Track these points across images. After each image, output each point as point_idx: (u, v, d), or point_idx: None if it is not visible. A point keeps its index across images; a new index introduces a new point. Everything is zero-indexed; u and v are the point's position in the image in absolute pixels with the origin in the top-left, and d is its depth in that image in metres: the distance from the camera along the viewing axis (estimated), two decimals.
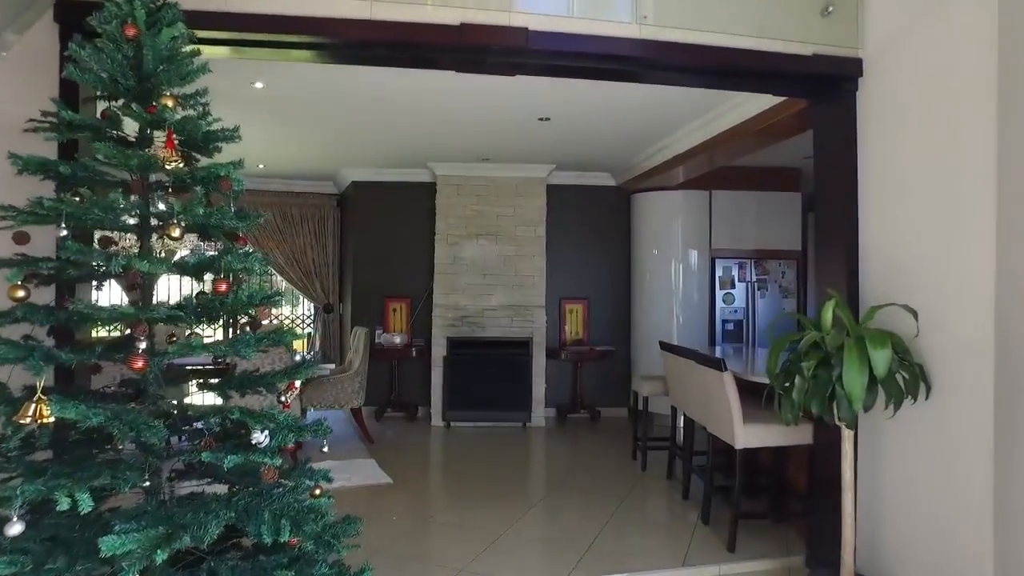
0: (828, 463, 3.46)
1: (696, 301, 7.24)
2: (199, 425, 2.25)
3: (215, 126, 2.34)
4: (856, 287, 3.39)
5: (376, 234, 7.74)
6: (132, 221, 2.16)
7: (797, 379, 2.79)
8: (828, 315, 2.89)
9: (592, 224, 7.85)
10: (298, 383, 2.46)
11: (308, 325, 9.04)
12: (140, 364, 1.92)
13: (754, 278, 7.26)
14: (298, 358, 2.50)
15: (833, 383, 2.71)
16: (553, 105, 5.03)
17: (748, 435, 3.77)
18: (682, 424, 5.21)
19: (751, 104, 4.52)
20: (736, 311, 7.23)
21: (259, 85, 4.56)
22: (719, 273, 7.23)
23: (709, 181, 7.09)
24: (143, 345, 1.97)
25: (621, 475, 5.40)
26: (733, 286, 7.24)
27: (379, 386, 7.52)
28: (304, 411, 5.94)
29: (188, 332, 2.09)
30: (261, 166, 7.48)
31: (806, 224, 7.40)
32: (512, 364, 7.25)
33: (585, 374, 7.65)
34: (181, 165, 2.17)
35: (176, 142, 2.18)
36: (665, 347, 5.11)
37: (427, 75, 4.35)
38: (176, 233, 2.08)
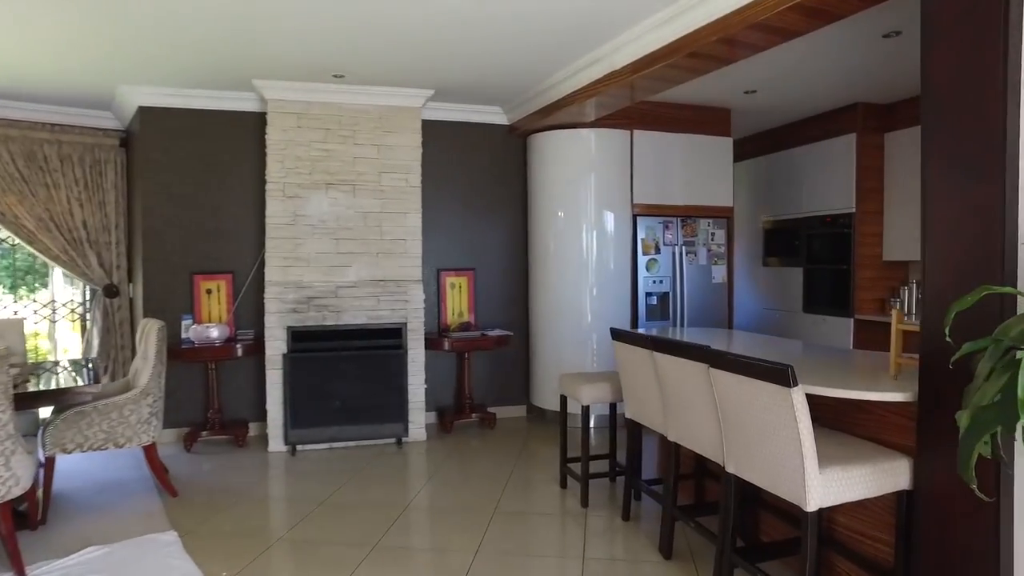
0: (952, 525, 2.10)
1: (613, 270, 5.76)
2: None
3: None
4: (1014, 251, 2.00)
5: (178, 185, 5.43)
6: None
7: None
8: None
9: (477, 173, 6.10)
10: None
11: (83, 316, 6.48)
12: None
13: (681, 241, 5.93)
14: None
15: None
16: None
17: (826, 489, 2.28)
18: (631, 438, 3.71)
19: None
20: (661, 281, 5.85)
21: None
22: (641, 235, 5.80)
23: (626, 119, 5.66)
24: None
25: (558, 519, 3.80)
26: (658, 251, 5.85)
27: (190, 399, 5.33)
28: (50, 461, 3.70)
29: None
30: None
31: (735, 176, 6.19)
32: (380, 360, 5.36)
33: (474, 367, 5.96)
34: None
35: None
36: (624, 337, 3.53)
37: None
38: None
